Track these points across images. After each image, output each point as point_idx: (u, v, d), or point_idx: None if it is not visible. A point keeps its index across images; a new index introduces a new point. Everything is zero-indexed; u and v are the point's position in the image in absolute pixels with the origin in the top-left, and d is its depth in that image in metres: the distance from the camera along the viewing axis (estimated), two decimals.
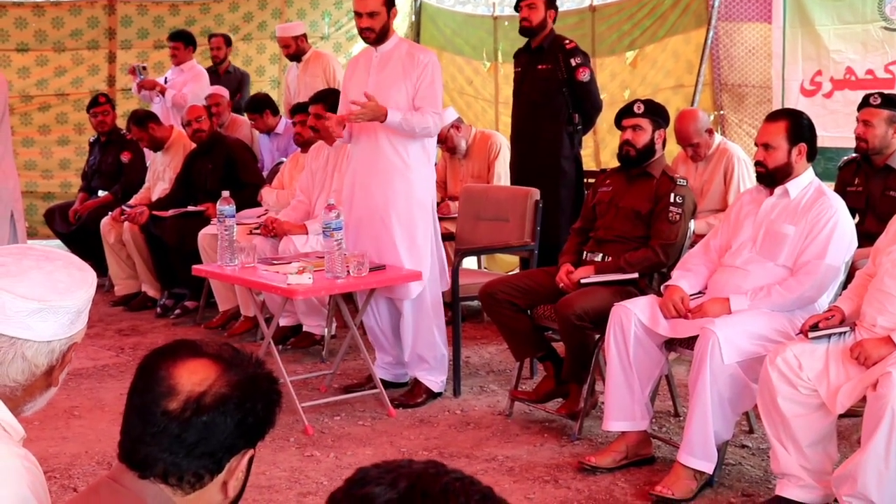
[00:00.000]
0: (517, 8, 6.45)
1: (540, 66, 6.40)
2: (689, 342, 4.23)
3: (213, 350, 1.81)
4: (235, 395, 1.75)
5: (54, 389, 2.11)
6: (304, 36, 8.38)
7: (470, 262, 7.10)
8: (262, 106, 8.15)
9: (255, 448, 1.83)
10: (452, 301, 5.47)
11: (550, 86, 6.37)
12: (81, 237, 7.89)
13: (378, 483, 1.28)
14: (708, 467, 4.12)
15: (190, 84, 8.53)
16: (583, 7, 8.51)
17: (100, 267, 7.80)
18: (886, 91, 5.65)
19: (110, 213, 7.62)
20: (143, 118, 7.76)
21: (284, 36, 8.35)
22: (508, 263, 7.87)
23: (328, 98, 6.01)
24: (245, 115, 8.47)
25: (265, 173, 7.81)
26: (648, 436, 4.51)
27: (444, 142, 7.21)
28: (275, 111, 8.24)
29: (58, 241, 8.37)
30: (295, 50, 8.27)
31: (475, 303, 5.69)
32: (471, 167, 7.37)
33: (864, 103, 5.21)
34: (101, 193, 8.22)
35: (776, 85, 7.08)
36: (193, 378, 1.75)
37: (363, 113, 5.05)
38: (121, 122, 8.72)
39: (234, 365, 1.79)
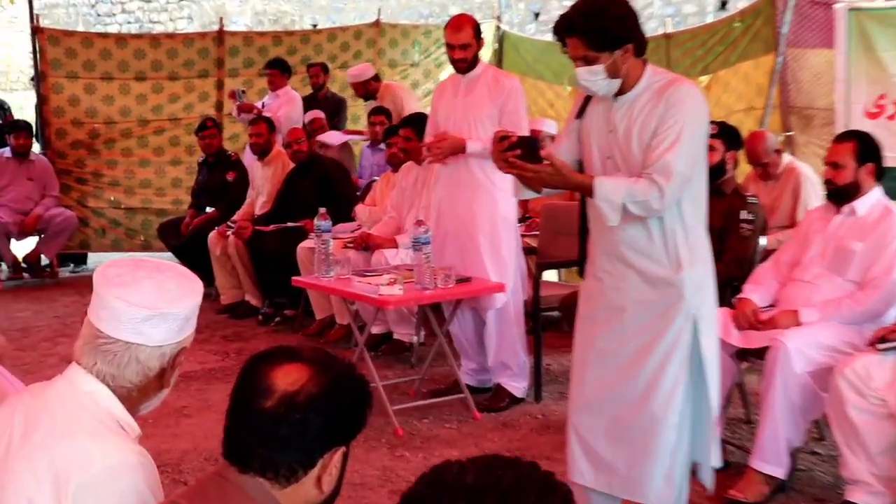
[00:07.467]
0: None
1: None
2: (760, 352, 4.16)
3: (307, 354, 1.83)
4: (325, 395, 1.77)
5: (167, 391, 2.15)
6: (375, 76, 8.82)
7: (550, 275, 7.06)
8: (385, 114, 8.27)
9: (349, 446, 1.83)
10: (534, 311, 5.43)
11: None
12: (191, 250, 8.01)
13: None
14: (780, 472, 4.06)
15: (284, 108, 8.76)
16: (657, 34, 8.43)
17: (207, 277, 7.92)
18: None
19: (216, 228, 7.74)
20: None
21: (354, 82, 8.79)
22: None
23: (416, 122, 6.03)
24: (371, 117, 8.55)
25: (362, 182, 7.97)
26: (722, 442, 4.44)
27: None
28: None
29: (170, 254, 8.52)
30: (363, 93, 8.77)
31: (555, 313, 5.65)
32: None
33: None
34: (207, 210, 8.36)
35: (840, 108, 6.94)
36: (288, 379, 1.77)
37: (441, 152, 5.09)
38: (227, 145, 8.87)
39: (326, 368, 1.80)
